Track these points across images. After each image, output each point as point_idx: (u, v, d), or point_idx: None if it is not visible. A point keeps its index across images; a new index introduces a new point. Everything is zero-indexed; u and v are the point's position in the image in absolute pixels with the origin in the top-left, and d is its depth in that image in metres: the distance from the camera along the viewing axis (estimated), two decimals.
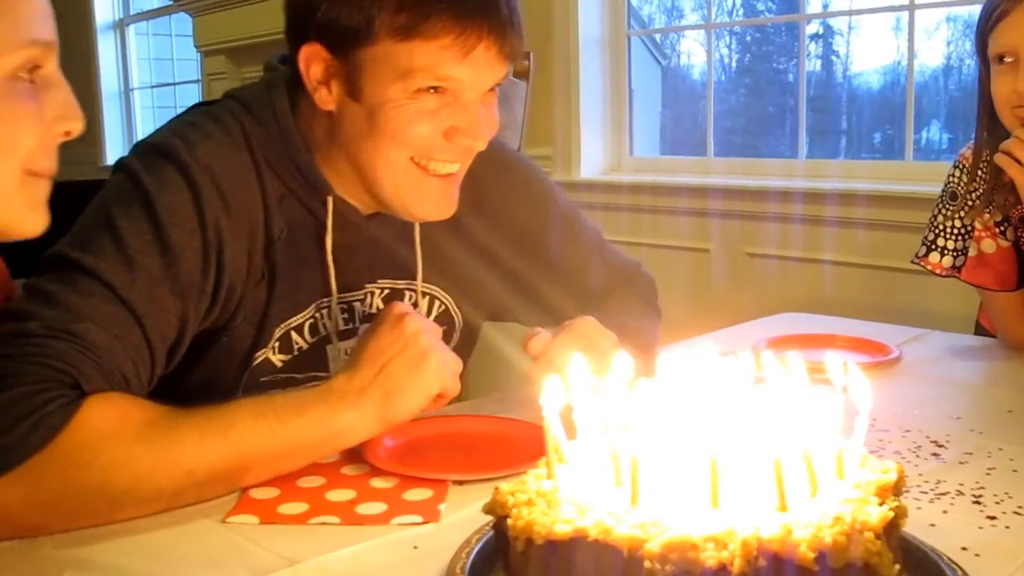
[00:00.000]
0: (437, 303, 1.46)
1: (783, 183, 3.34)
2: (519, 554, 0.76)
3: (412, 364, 1.16)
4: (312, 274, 1.32)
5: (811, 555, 0.68)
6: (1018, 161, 1.56)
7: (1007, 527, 1.00)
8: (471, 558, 0.85)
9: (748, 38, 4.74)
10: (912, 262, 1.82)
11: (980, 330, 1.95)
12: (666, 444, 0.80)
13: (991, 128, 1.65)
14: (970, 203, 1.72)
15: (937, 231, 1.78)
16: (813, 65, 4.75)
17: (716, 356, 0.89)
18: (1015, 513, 1.03)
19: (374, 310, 1.39)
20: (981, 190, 1.71)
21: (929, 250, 1.79)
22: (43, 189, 0.97)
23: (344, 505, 1.06)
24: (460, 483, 1.11)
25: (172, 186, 1.17)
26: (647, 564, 0.68)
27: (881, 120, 4.39)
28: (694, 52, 4.62)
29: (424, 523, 1.02)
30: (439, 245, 1.43)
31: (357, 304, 1.38)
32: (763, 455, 0.75)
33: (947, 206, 1.77)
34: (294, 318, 1.33)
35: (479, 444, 1.25)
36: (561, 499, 0.76)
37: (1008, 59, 1.58)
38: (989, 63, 1.62)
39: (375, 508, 1.05)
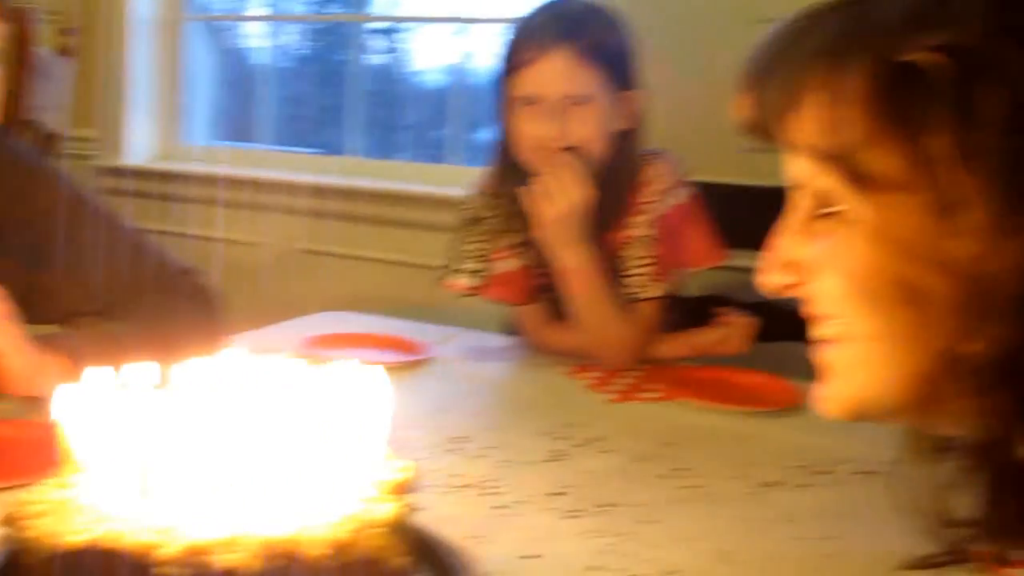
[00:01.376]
0: None
1: (339, 180, 3.43)
2: (36, 567, 0.75)
3: None
4: None
5: (323, 552, 0.72)
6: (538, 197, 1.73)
7: (513, 515, 1.11)
8: None
9: (313, 27, 4.78)
10: (439, 283, 1.94)
11: (511, 330, 2.11)
12: (185, 448, 0.82)
13: (509, 158, 1.80)
14: (491, 227, 1.86)
15: (460, 255, 1.91)
16: (377, 59, 4.89)
17: (242, 360, 0.92)
18: (521, 502, 1.15)
19: None
20: (501, 216, 1.85)
21: (453, 272, 1.92)
22: None
23: None
24: None
25: None
26: (162, 570, 0.70)
27: (441, 119, 4.60)
28: (256, 37, 4.60)
29: None
30: None
31: None
32: (281, 457, 0.79)
33: (467, 231, 1.91)
34: None
35: None
36: (78, 508, 0.76)
37: (532, 103, 1.74)
38: (509, 100, 1.76)
39: None
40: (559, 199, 1.71)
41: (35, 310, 1.44)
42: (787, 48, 0.72)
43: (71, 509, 0.76)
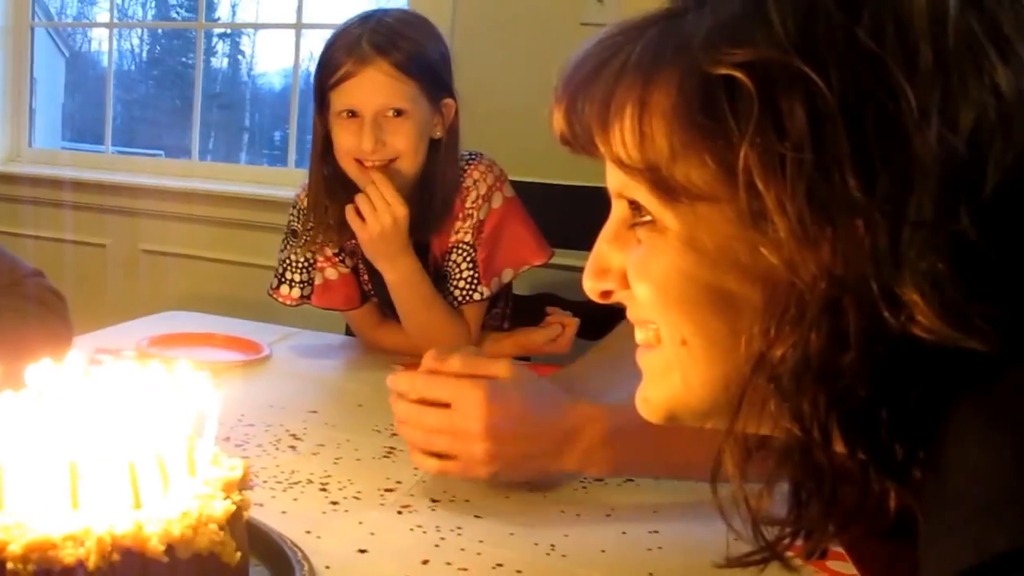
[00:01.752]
0: None
1: (179, 182, 3.44)
2: None
3: None
4: None
5: (161, 547, 0.76)
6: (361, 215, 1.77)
7: (346, 511, 1.16)
8: None
9: (159, 31, 4.73)
10: (268, 294, 1.97)
11: (349, 329, 2.14)
12: (31, 449, 0.84)
13: (329, 167, 1.84)
14: (306, 239, 1.90)
15: (285, 266, 1.95)
16: (221, 63, 4.85)
17: (82, 362, 0.94)
18: (355, 498, 1.19)
19: None
20: (321, 226, 1.88)
21: (280, 283, 1.96)
22: None
23: None
24: None
25: None
26: (10, 565, 0.72)
27: (280, 120, 4.59)
28: (104, 41, 4.54)
29: None
30: None
31: None
32: (121, 456, 0.82)
33: (290, 242, 1.94)
34: None
35: None
36: None
37: (350, 116, 1.77)
38: (328, 111, 1.80)
39: None
40: (375, 218, 1.75)
41: None
42: (600, 62, 0.73)
43: None
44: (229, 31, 4.49)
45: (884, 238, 0.61)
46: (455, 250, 1.88)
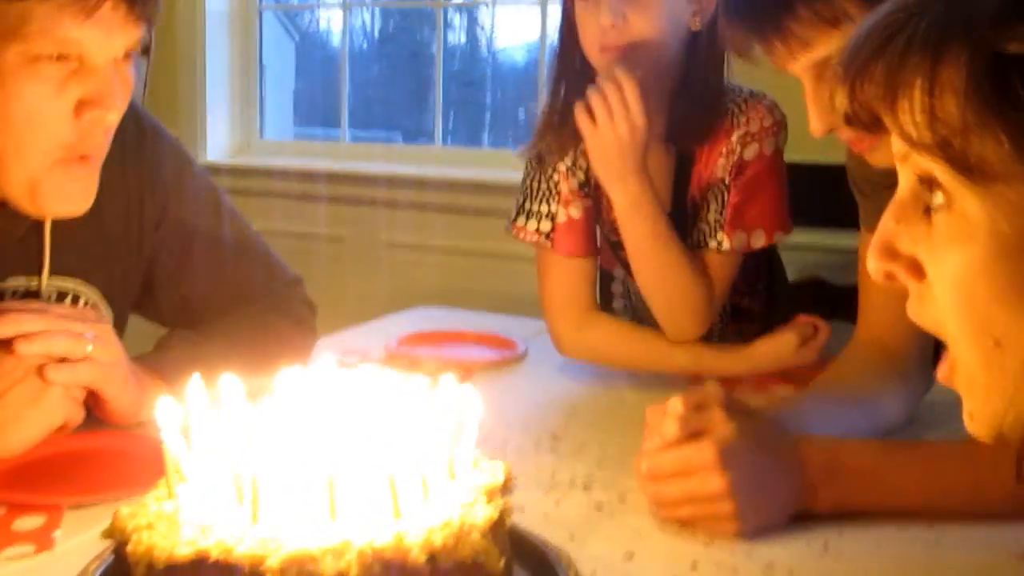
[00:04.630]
0: (81, 301, 1.40)
1: (418, 170, 3.51)
2: None
3: (32, 395, 1.16)
4: None
5: (422, 558, 0.77)
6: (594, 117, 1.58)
7: (611, 513, 1.16)
8: None
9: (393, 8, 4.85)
10: (506, 229, 1.84)
11: None
12: (285, 460, 0.87)
13: (569, 67, 1.70)
14: (554, 167, 1.78)
15: (526, 195, 1.82)
16: (458, 38, 4.94)
17: (334, 368, 0.98)
18: (619, 500, 1.19)
19: None
20: (560, 147, 1.75)
21: (518, 214, 1.82)
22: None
23: None
24: (77, 507, 1.13)
25: None
26: None
27: (524, 97, 4.62)
28: (333, 20, 4.68)
29: (37, 552, 1.04)
30: (73, 232, 1.35)
31: None
32: (378, 465, 0.84)
33: (533, 167, 1.82)
34: None
35: (97, 462, 1.26)
36: (182, 520, 0.82)
37: None
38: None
39: None
40: (610, 123, 1.57)
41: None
42: (885, 38, 0.73)
43: (175, 522, 0.82)
44: (467, 5, 4.55)
45: None
46: (707, 187, 1.72)
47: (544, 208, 1.78)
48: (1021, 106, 0.65)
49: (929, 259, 0.74)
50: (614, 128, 1.56)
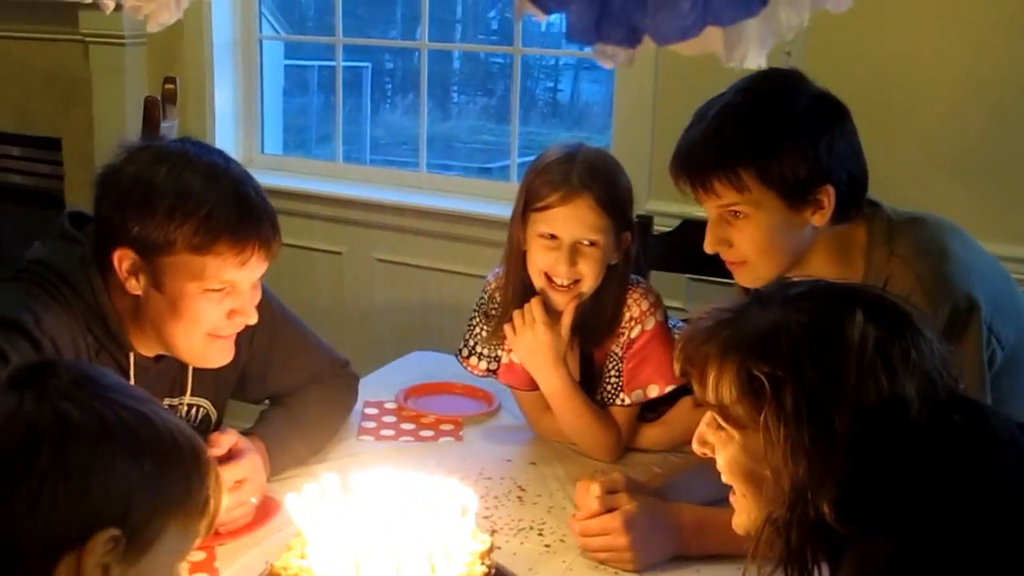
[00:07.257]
0: (201, 410, 2.11)
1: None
2: None
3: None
4: None
5: None
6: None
7: (556, 551, 1.88)
8: None
9: None
10: (457, 360, 2.49)
11: None
12: (366, 536, 1.58)
13: (518, 270, 2.27)
14: (498, 321, 2.35)
15: (476, 340, 2.44)
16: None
17: (386, 475, 1.70)
18: (559, 541, 1.91)
19: None
20: (504, 315, 2.31)
21: (470, 354, 2.46)
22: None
23: None
24: (222, 545, 1.82)
25: (25, 355, 1.75)
26: None
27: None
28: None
29: None
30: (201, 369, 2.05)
31: None
32: (397, 548, 1.53)
33: (481, 321, 2.42)
34: None
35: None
36: (316, 573, 1.53)
37: (549, 239, 2.18)
38: (528, 229, 2.21)
39: None
40: (521, 332, 2.22)
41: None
42: (706, 339, 1.40)
43: (311, 573, 1.54)
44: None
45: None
46: (609, 360, 2.31)
47: (489, 351, 2.43)
48: (758, 403, 1.32)
49: (719, 448, 1.45)
50: (521, 337, 2.22)
